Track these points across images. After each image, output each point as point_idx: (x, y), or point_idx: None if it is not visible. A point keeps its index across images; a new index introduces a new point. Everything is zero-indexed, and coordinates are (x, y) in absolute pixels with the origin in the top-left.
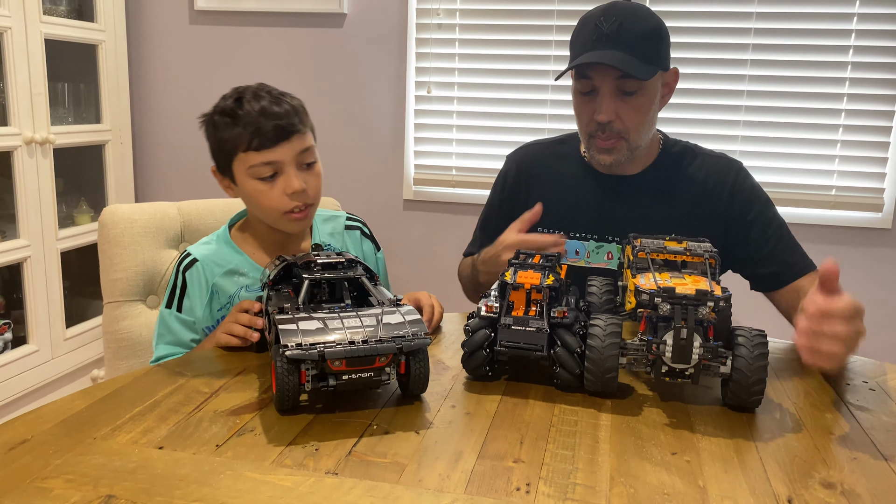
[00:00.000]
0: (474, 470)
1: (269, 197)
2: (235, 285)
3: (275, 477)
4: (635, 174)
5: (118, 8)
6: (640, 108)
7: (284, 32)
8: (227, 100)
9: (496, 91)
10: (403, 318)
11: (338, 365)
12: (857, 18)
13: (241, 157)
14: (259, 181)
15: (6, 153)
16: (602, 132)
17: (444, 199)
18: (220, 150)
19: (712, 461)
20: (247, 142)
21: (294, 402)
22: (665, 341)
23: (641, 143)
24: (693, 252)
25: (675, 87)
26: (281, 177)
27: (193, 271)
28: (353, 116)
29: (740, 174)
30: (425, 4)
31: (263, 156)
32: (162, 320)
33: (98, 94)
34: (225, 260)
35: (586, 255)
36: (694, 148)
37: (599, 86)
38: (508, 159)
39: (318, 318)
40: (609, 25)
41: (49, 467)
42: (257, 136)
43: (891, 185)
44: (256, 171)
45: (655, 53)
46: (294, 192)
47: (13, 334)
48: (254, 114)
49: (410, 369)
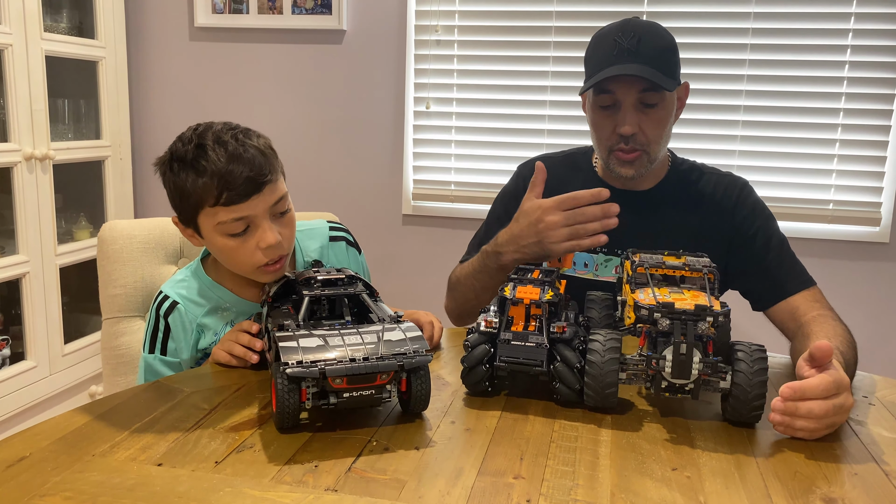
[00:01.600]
0: (474, 486)
1: (241, 253)
2: (221, 321)
3: (274, 494)
4: (646, 190)
5: (118, 25)
6: (661, 121)
7: (284, 49)
8: (187, 144)
9: (495, 106)
10: (404, 334)
11: (339, 382)
12: (852, 34)
13: (208, 212)
14: (229, 237)
15: (6, 169)
16: (625, 144)
17: (443, 214)
18: (182, 202)
19: (713, 477)
20: (214, 197)
21: (294, 420)
22: (664, 356)
23: (659, 157)
24: (692, 267)
25: (686, 102)
26: (254, 231)
27: (175, 315)
28: (352, 132)
29: (744, 190)
30: (424, 21)
31: (234, 211)
32: (147, 366)
33: (98, 111)
34: (205, 298)
35: (594, 268)
36: (700, 166)
37: (622, 99)
38: (521, 167)
39: (318, 334)
40: (629, 40)
41: (47, 484)
42: (226, 190)
43: (888, 199)
44: (226, 228)
45: (674, 67)
46: (269, 246)
47: (11, 350)
48: (220, 164)
49: (411, 387)
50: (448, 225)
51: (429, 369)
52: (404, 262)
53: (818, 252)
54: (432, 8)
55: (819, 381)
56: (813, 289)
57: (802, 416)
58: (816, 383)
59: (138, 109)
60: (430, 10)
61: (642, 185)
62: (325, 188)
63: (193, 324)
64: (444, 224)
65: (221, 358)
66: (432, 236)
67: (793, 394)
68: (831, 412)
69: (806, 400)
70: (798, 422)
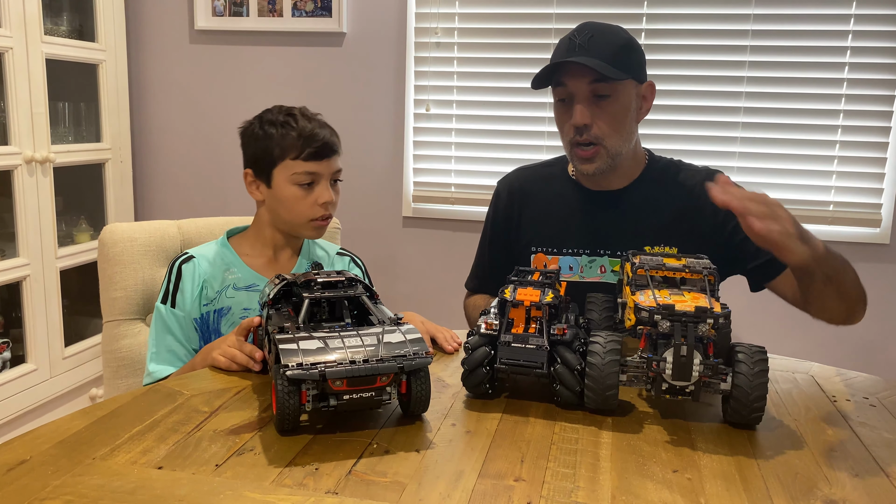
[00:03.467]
0: (475, 489)
1: (303, 203)
2: (224, 282)
3: (275, 497)
4: (622, 188)
5: (119, 28)
6: (615, 114)
7: (284, 52)
8: (278, 114)
9: (495, 109)
10: (404, 336)
11: (339, 385)
12: (852, 35)
13: (288, 164)
14: (298, 187)
15: (6, 172)
16: (580, 136)
17: (444, 217)
18: (264, 154)
19: (714, 479)
20: (299, 150)
21: (294, 422)
22: (665, 359)
23: (621, 151)
24: (692, 269)
25: (652, 101)
26: (316, 187)
27: (189, 265)
28: (353, 135)
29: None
30: (424, 23)
31: (309, 166)
32: (160, 319)
33: (98, 114)
34: (218, 258)
35: (580, 270)
36: (678, 163)
37: (574, 91)
38: (499, 185)
39: (318, 337)
40: (581, 38)
41: (48, 488)
42: (309, 146)
43: (888, 200)
44: (298, 178)
45: (627, 62)
46: (325, 202)
47: (12, 353)
48: (309, 128)
49: (412, 389)
50: (448, 227)
51: (429, 371)
52: (405, 264)
53: None
54: (432, 10)
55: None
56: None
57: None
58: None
59: (138, 112)
60: (429, 12)
61: (616, 185)
62: None
63: (201, 278)
64: (445, 226)
65: (221, 363)
66: (433, 238)
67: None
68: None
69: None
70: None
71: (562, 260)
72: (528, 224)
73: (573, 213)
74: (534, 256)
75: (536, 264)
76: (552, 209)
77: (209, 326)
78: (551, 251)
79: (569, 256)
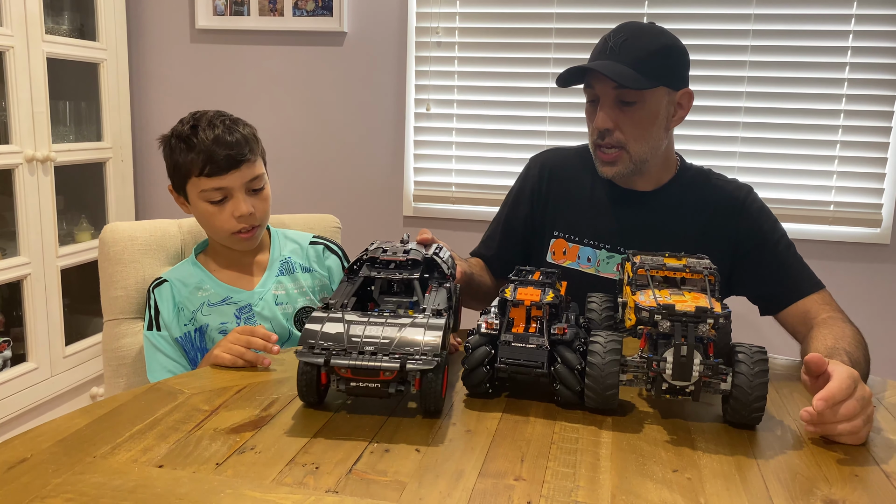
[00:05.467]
0: (475, 488)
1: (218, 219)
2: (198, 301)
3: (275, 496)
4: (650, 191)
5: (120, 27)
6: (640, 121)
7: (285, 51)
8: (185, 125)
9: (495, 108)
10: (423, 336)
11: (344, 372)
12: (853, 35)
13: (194, 182)
14: (209, 204)
15: (7, 171)
16: (601, 140)
17: (444, 216)
18: (174, 172)
19: (714, 478)
20: (199, 168)
21: (311, 397)
22: (665, 358)
23: (645, 157)
24: (692, 269)
25: (689, 109)
26: (230, 201)
27: (162, 289)
28: (353, 134)
29: (749, 196)
30: (425, 23)
31: (214, 182)
32: (149, 344)
33: (99, 112)
34: (189, 277)
35: (597, 264)
36: (708, 172)
37: (600, 95)
38: (531, 160)
39: (347, 320)
40: (615, 39)
41: (48, 486)
42: (209, 163)
43: (889, 200)
44: (207, 196)
45: (659, 69)
46: (241, 215)
47: (12, 352)
48: (207, 142)
49: (423, 386)
50: (449, 226)
51: (443, 372)
52: None
53: (819, 254)
54: (433, 10)
55: (839, 382)
56: (822, 292)
57: (840, 420)
58: (838, 384)
59: (139, 111)
60: (430, 12)
61: (644, 187)
62: (326, 190)
63: (175, 300)
64: (445, 226)
65: (226, 361)
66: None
67: (826, 403)
68: (859, 408)
69: (838, 404)
70: (839, 427)
71: (581, 250)
72: (555, 206)
73: (600, 205)
74: (554, 241)
75: (555, 249)
76: (580, 197)
77: (194, 345)
78: (573, 239)
79: (589, 248)
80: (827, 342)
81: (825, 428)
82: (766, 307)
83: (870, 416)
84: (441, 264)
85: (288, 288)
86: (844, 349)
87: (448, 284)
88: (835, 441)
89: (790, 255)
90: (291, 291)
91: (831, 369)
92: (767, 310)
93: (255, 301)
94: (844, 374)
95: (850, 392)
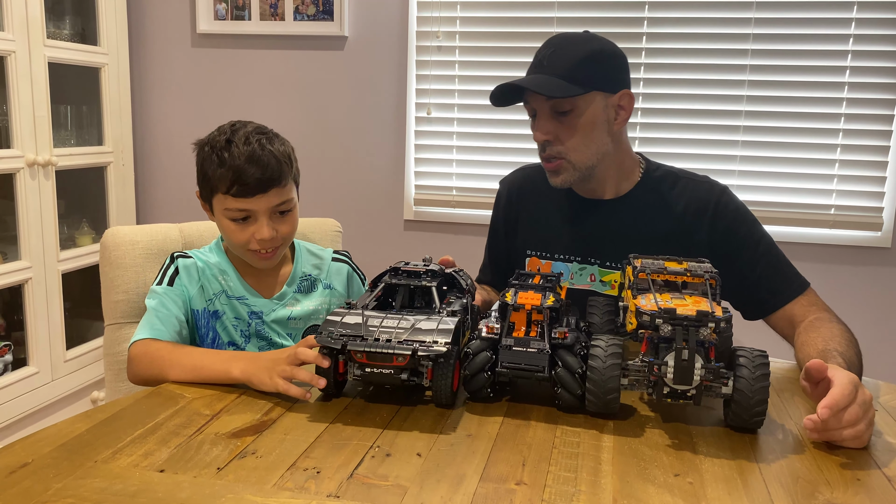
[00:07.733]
0: (476, 493)
1: (238, 236)
2: (218, 287)
3: (276, 500)
4: (615, 198)
5: (121, 31)
6: (578, 129)
7: (286, 55)
8: (222, 135)
9: (496, 112)
10: (436, 326)
11: (360, 357)
12: (853, 40)
13: (220, 198)
14: (231, 221)
15: (8, 175)
16: (543, 152)
17: (445, 220)
18: (203, 182)
19: (715, 483)
20: (227, 186)
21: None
22: (666, 362)
23: (591, 163)
24: (694, 273)
25: (631, 110)
26: (253, 223)
27: (188, 263)
28: (354, 138)
29: (723, 196)
30: (425, 27)
31: (239, 203)
32: (154, 295)
33: (100, 117)
34: (215, 263)
35: (570, 277)
36: (676, 172)
37: (536, 109)
38: (501, 184)
39: (367, 314)
40: (544, 52)
41: (49, 491)
42: (237, 183)
43: (889, 203)
44: (230, 214)
45: (590, 75)
46: (262, 239)
47: (13, 356)
48: (239, 161)
49: (435, 376)
50: (450, 230)
51: (453, 365)
52: None
53: (819, 257)
54: (433, 14)
55: (842, 388)
56: (808, 292)
57: (845, 426)
58: (840, 391)
59: (140, 116)
60: (431, 16)
61: (609, 194)
62: (327, 194)
63: (199, 276)
64: (446, 229)
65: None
66: (434, 242)
67: (830, 411)
68: (861, 413)
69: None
70: (843, 433)
71: (554, 265)
72: (524, 226)
73: (565, 218)
74: (528, 259)
75: (531, 267)
76: (548, 213)
77: (208, 323)
78: (544, 255)
79: (560, 262)
80: (818, 345)
81: (829, 434)
82: (750, 312)
83: (871, 420)
84: (460, 280)
85: (304, 305)
86: (836, 350)
87: (465, 299)
88: (837, 445)
89: (772, 257)
90: (307, 309)
91: (831, 375)
92: (751, 315)
93: (268, 311)
94: (846, 380)
95: (852, 398)
